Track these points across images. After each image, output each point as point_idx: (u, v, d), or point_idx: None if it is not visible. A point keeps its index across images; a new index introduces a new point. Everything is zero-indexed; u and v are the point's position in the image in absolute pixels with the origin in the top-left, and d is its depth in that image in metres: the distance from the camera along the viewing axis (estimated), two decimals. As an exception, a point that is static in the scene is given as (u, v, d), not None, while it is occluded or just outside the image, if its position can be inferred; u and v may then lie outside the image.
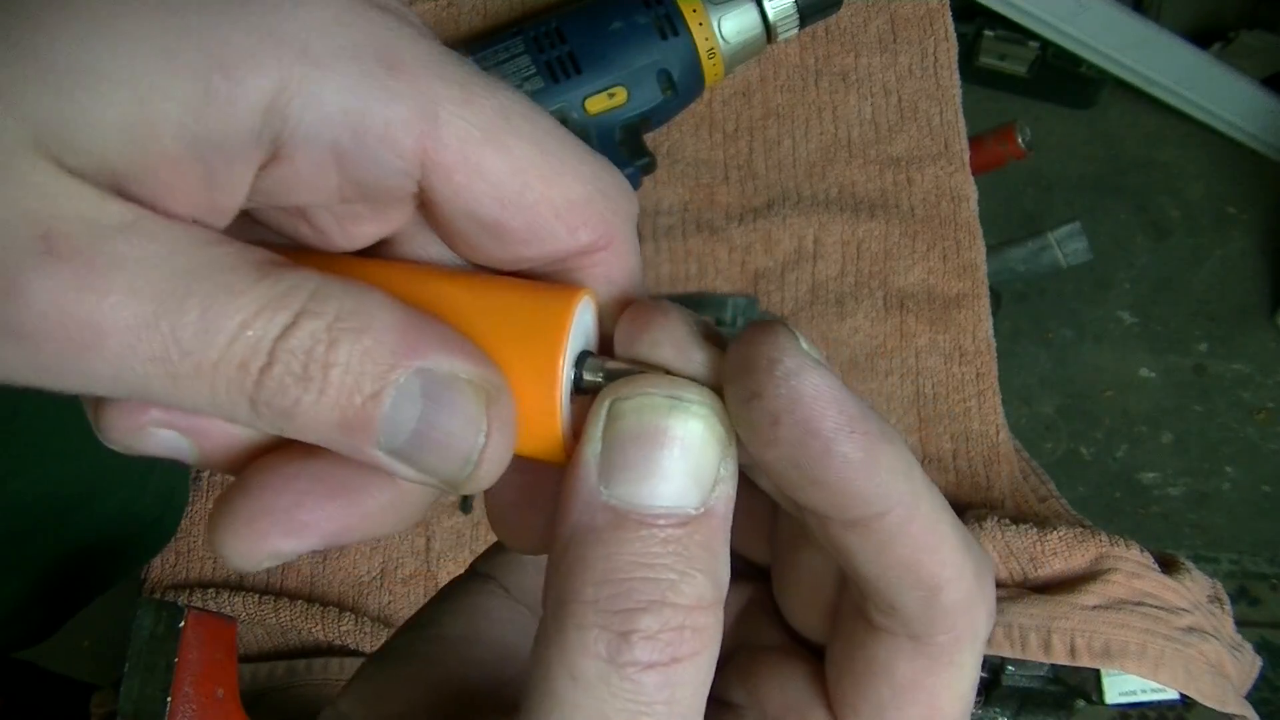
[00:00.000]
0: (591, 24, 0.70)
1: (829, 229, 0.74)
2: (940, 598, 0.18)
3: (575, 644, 0.16)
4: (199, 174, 0.17)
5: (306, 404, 0.17)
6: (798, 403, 0.17)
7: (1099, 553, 0.59)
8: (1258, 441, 1.70)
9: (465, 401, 0.18)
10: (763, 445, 0.17)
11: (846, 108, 0.78)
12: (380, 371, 0.17)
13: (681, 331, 0.19)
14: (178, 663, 0.55)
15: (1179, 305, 1.78)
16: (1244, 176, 1.84)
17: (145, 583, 0.68)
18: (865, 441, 0.17)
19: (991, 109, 1.82)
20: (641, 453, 0.17)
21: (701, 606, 0.17)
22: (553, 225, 0.19)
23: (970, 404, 0.71)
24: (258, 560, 0.19)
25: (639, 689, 0.16)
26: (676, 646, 0.16)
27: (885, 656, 0.19)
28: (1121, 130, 1.88)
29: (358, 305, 0.17)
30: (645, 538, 0.17)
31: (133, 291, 0.16)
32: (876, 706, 0.19)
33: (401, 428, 0.17)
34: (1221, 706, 0.57)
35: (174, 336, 0.16)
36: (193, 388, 0.16)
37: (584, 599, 0.17)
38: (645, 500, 0.17)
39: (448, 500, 0.70)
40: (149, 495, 0.66)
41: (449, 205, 0.18)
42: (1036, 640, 0.56)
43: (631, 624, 0.16)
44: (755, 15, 0.70)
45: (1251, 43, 1.75)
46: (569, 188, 0.19)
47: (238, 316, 0.16)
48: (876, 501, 0.17)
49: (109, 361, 0.16)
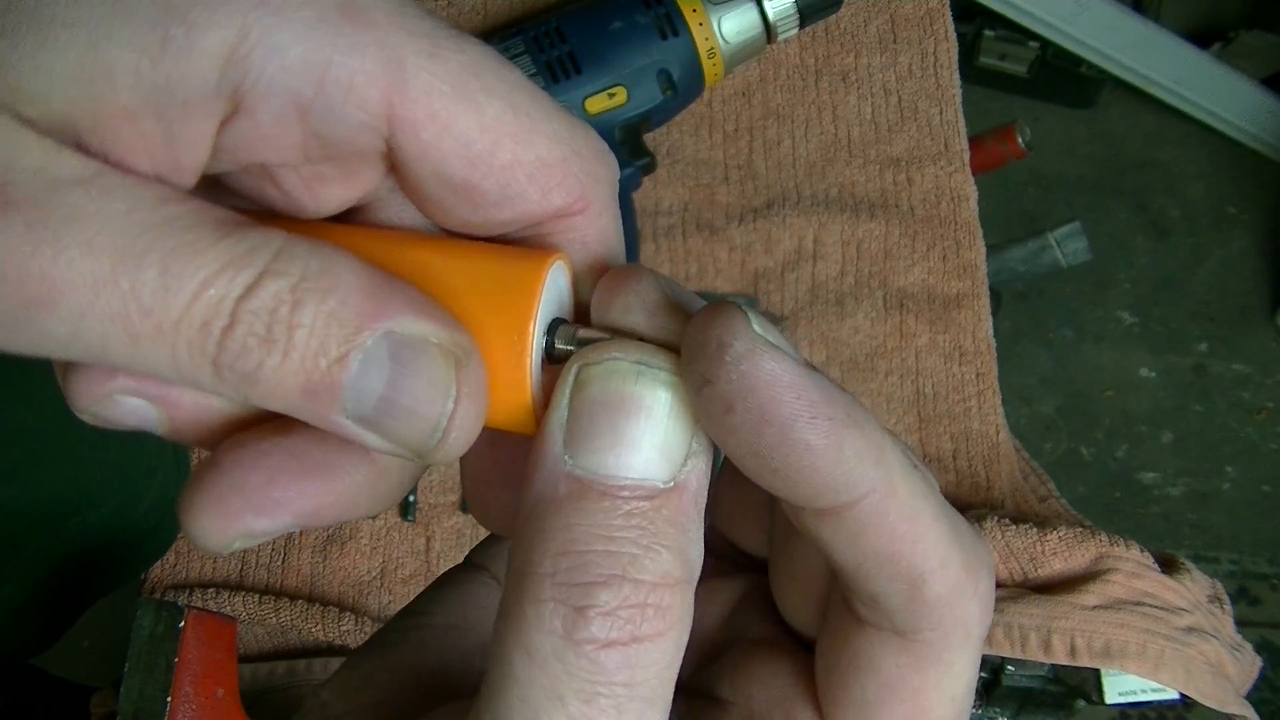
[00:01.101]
0: (591, 24, 0.70)
1: (829, 229, 0.74)
2: (923, 590, 0.17)
3: (531, 619, 0.16)
4: (158, 128, 0.16)
5: (270, 368, 0.16)
6: (750, 389, 0.16)
7: (1099, 553, 0.59)
8: (1258, 441, 1.70)
9: (433, 365, 0.17)
10: (720, 434, 0.16)
11: (846, 108, 0.78)
12: (346, 334, 0.16)
13: (654, 297, 0.18)
14: (178, 663, 0.55)
15: (1179, 305, 1.78)
16: (1244, 176, 1.84)
17: (145, 583, 0.68)
18: (828, 427, 0.16)
19: (991, 109, 1.82)
20: (607, 421, 0.17)
21: (666, 584, 0.16)
22: (524, 187, 0.18)
23: (970, 404, 0.71)
24: (229, 540, 0.18)
25: (596, 668, 0.15)
26: (637, 625, 0.16)
27: (870, 652, 0.18)
28: (1121, 130, 1.88)
29: (324, 265, 0.16)
30: (608, 509, 0.16)
31: (89, 246, 0.15)
32: (861, 704, 0.18)
33: (368, 393, 0.16)
34: (1221, 706, 0.57)
35: (133, 294, 0.15)
36: (153, 350, 0.16)
37: (541, 571, 0.16)
38: (610, 470, 0.16)
39: (447, 500, 0.70)
40: (147, 502, 0.66)
41: (417, 165, 0.18)
42: (1036, 640, 0.56)
43: (588, 598, 0.15)
44: (755, 15, 0.70)
45: (1251, 43, 1.75)
46: (542, 148, 0.18)
47: (199, 275, 0.15)
48: (844, 489, 0.16)
49: (64, 320, 0.15)
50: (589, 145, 0.19)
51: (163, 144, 0.16)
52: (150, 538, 0.67)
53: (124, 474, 0.63)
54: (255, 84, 0.16)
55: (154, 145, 0.16)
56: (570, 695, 0.15)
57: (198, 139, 0.17)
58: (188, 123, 0.16)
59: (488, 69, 0.18)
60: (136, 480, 0.64)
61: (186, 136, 0.17)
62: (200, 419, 0.19)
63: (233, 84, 0.16)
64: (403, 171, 0.18)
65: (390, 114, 0.17)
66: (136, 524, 0.65)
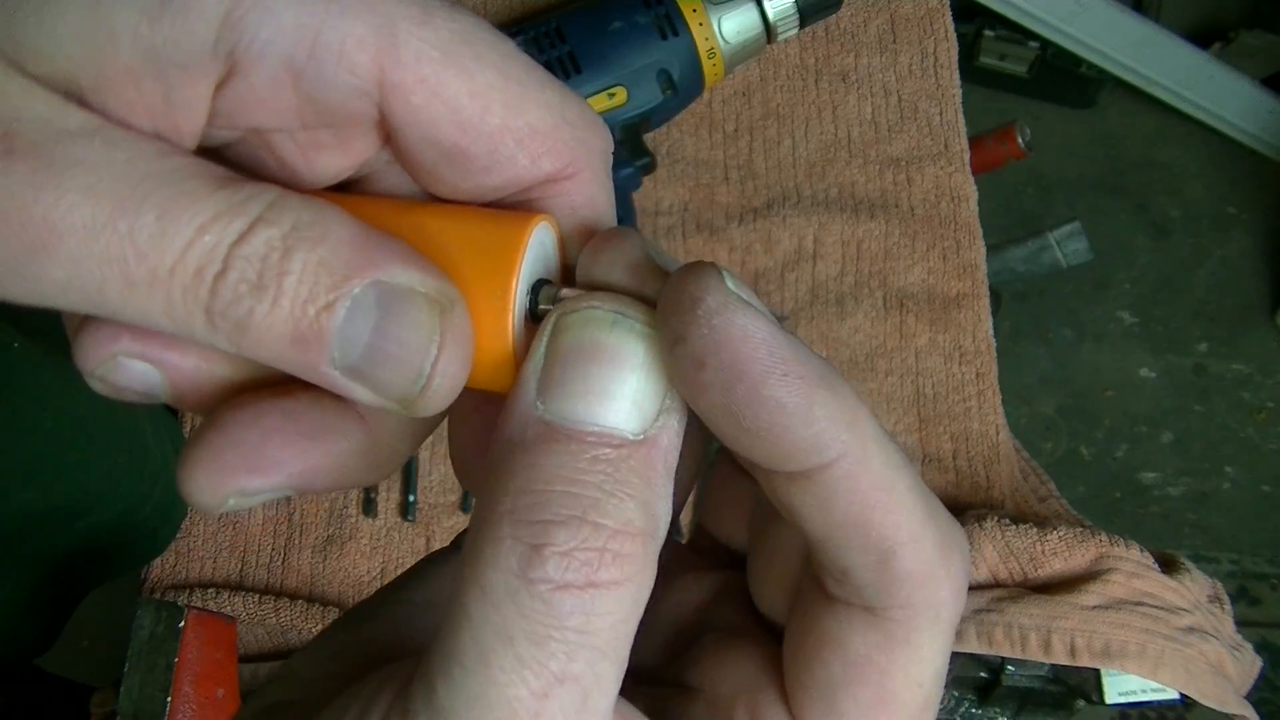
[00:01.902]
0: (591, 24, 0.70)
1: (829, 229, 0.74)
2: (893, 563, 0.17)
3: (488, 556, 0.15)
4: (157, 88, 0.17)
5: (260, 314, 0.16)
6: (722, 345, 0.16)
7: (1099, 553, 0.59)
8: (1258, 441, 1.70)
9: (419, 313, 0.17)
10: (692, 392, 0.16)
11: (846, 108, 0.78)
12: (335, 282, 0.16)
13: (636, 255, 0.18)
14: (178, 663, 0.55)
15: (1179, 305, 1.78)
16: (1244, 176, 1.84)
17: (145, 583, 0.68)
18: (799, 386, 0.16)
19: (991, 109, 1.82)
20: (580, 368, 0.17)
21: (628, 533, 0.16)
22: (514, 152, 0.19)
23: (970, 404, 0.71)
24: (223, 497, 0.18)
25: (549, 610, 0.15)
26: (594, 569, 0.15)
27: (838, 630, 0.18)
28: (1121, 130, 1.88)
29: (315, 217, 0.17)
30: (573, 452, 0.16)
31: (90, 192, 0.15)
32: (826, 684, 0.18)
33: (355, 341, 0.17)
34: (1221, 706, 0.57)
35: (130, 238, 0.16)
36: (149, 295, 0.16)
37: (501, 509, 0.16)
38: (579, 417, 0.16)
39: (447, 500, 0.70)
40: (149, 507, 0.66)
41: (408, 130, 0.18)
42: (1036, 640, 0.56)
43: (545, 537, 0.15)
44: (755, 15, 0.70)
45: (1251, 43, 1.75)
46: (532, 115, 0.18)
47: (195, 221, 0.16)
48: (815, 451, 0.16)
49: (63, 264, 0.16)
50: (580, 115, 0.19)
51: (162, 104, 0.17)
52: (149, 539, 0.67)
53: (129, 478, 0.63)
54: (249, 47, 0.17)
55: (153, 105, 0.17)
56: (521, 636, 0.15)
57: (195, 100, 0.17)
58: (185, 84, 0.17)
59: (479, 38, 0.18)
60: (140, 485, 0.64)
61: (184, 97, 0.17)
62: (200, 384, 0.19)
63: (228, 46, 0.17)
64: (395, 138, 0.19)
65: (381, 79, 0.17)
66: (137, 528, 0.65)
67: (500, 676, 0.15)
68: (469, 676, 0.15)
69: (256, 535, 0.69)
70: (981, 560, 0.60)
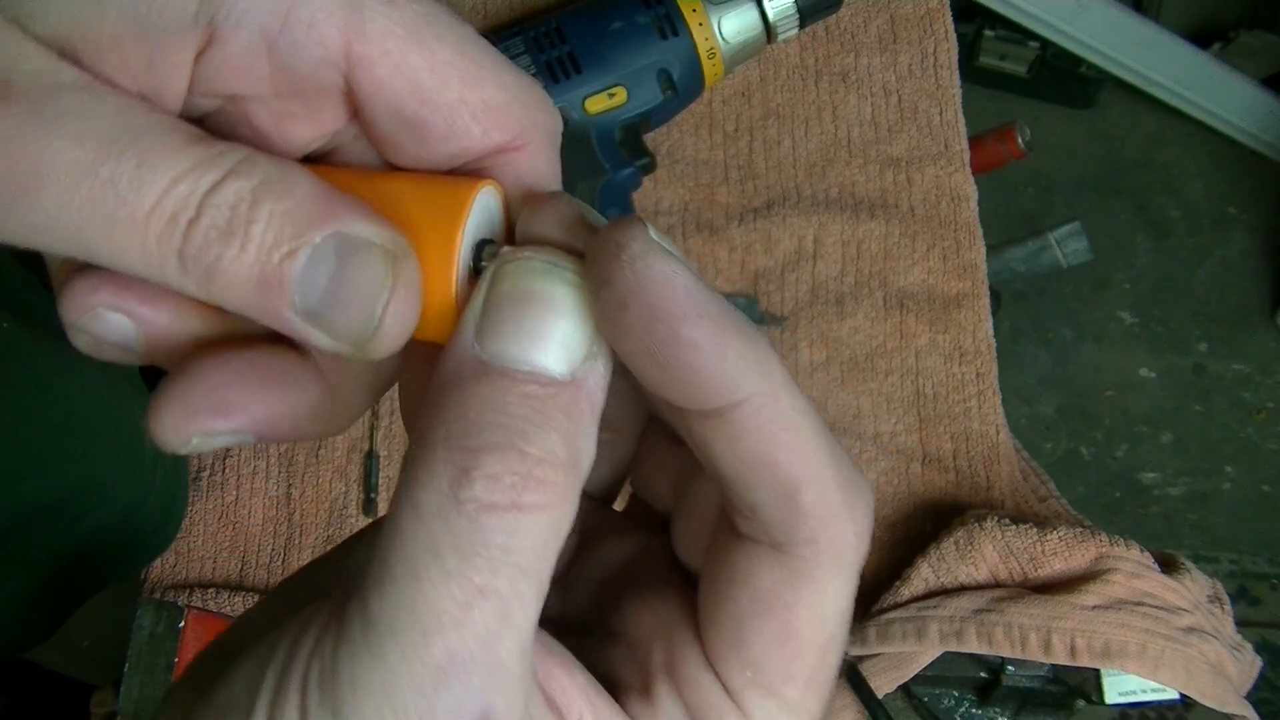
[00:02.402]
0: (591, 24, 0.70)
1: (829, 229, 0.74)
2: (799, 499, 0.18)
3: (422, 478, 0.17)
4: (143, 53, 0.18)
5: (228, 259, 0.18)
6: (644, 287, 0.17)
7: (1099, 553, 0.59)
8: (1258, 441, 1.70)
9: (374, 261, 0.19)
10: (616, 333, 0.18)
11: (846, 108, 0.78)
12: (298, 231, 0.18)
13: (571, 213, 0.20)
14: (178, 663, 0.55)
15: (1179, 305, 1.78)
16: (1244, 176, 1.84)
17: (145, 583, 0.68)
18: (713, 327, 0.17)
19: (991, 109, 1.82)
20: (514, 312, 0.18)
21: (552, 463, 0.17)
22: (469, 124, 0.20)
23: (970, 404, 0.71)
24: (186, 437, 0.19)
25: (475, 528, 0.16)
26: (519, 493, 0.16)
27: (747, 565, 0.19)
28: (1121, 130, 1.88)
29: (282, 174, 0.18)
30: (505, 387, 0.17)
31: (77, 139, 0.17)
32: (734, 618, 0.19)
33: (314, 286, 0.18)
34: (1221, 706, 0.57)
35: (112, 182, 0.17)
36: (126, 238, 0.17)
37: (434, 437, 0.17)
38: (512, 356, 0.18)
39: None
40: (151, 502, 0.66)
41: (373, 100, 0.20)
42: (1036, 640, 0.56)
43: (475, 460, 0.16)
44: (755, 15, 0.70)
45: (1251, 43, 1.75)
46: (488, 92, 0.20)
47: (172, 170, 0.17)
48: (726, 390, 0.17)
49: (48, 206, 0.17)
50: (533, 96, 0.21)
51: (146, 69, 0.18)
52: (153, 537, 0.67)
53: (130, 474, 0.63)
54: (228, 17, 0.18)
55: (138, 69, 0.18)
56: (448, 551, 0.16)
57: (178, 66, 0.19)
58: (168, 50, 0.18)
59: (441, 19, 0.20)
60: (141, 480, 0.64)
61: (168, 63, 0.19)
62: (173, 339, 0.20)
63: (208, 16, 0.18)
64: (361, 109, 0.20)
65: (348, 51, 0.19)
66: (141, 524, 0.65)
67: (428, 588, 0.16)
68: (399, 589, 0.16)
69: (256, 535, 0.69)
70: (981, 560, 0.60)
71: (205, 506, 0.69)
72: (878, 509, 0.68)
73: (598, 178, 0.69)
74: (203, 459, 0.70)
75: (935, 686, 0.63)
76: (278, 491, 0.69)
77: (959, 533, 0.61)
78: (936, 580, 0.61)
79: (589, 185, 0.68)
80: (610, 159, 0.69)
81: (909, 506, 0.68)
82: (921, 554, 0.62)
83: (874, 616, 0.61)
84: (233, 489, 0.70)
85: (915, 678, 0.60)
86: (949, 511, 0.66)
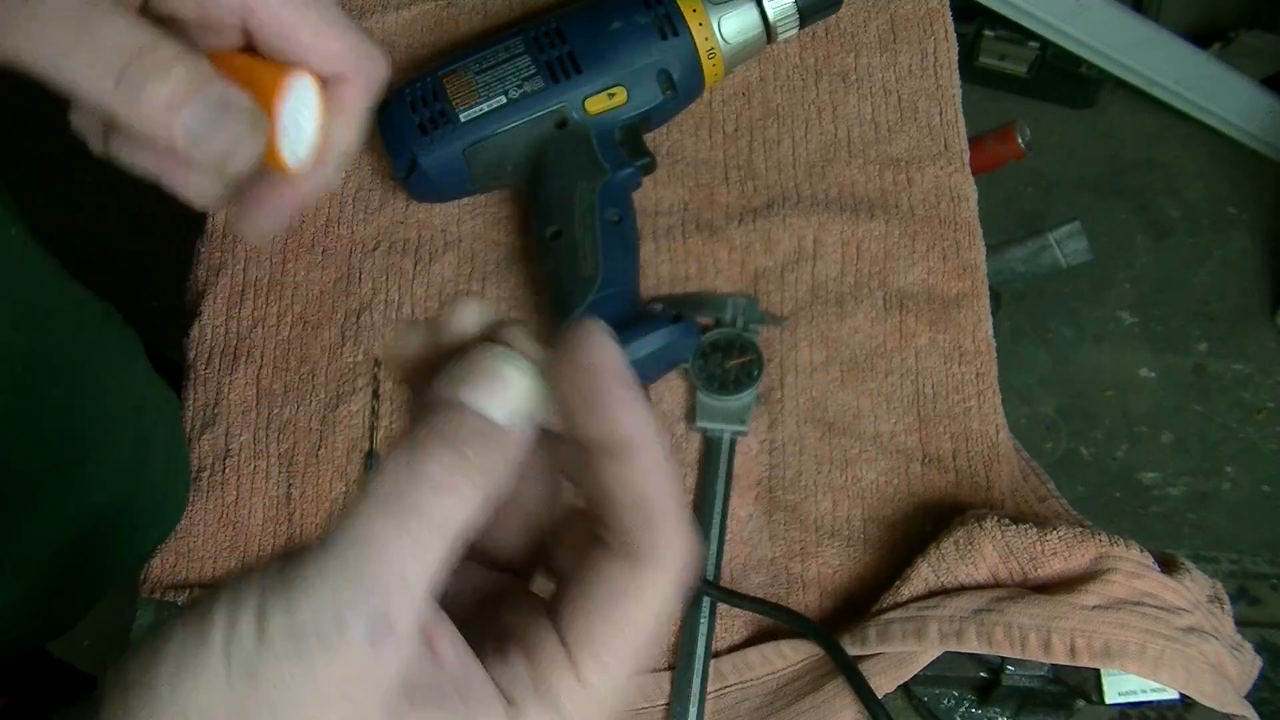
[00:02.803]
0: (591, 24, 0.70)
1: (829, 229, 0.74)
2: (657, 524, 0.25)
3: (394, 454, 0.24)
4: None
5: (151, 87, 0.29)
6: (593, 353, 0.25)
7: (1099, 553, 0.59)
8: (1258, 441, 1.70)
9: (240, 108, 0.31)
10: (569, 384, 0.26)
11: (846, 108, 0.78)
12: (200, 82, 0.30)
13: (528, 339, 0.28)
14: (178, 662, 0.55)
15: (1179, 305, 1.78)
16: (1244, 176, 1.84)
17: (145, 583, 0.68)
18: (628, 387, 0.25)
19: (991, 109, 1.82)
20: (484, 378, 0.26)
21: (479, 469, 0.24)
22: (312, 58, 0.34)
23: (970, 404, 0.71)
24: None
25: (416, 490, 0.23)
26: (453, 479, 0.24)
27: (609, 568, 0.25)
28: (1121, 130, 1.88)
29: (196, 54, 0.30)
30: (463, 418, 0.25)
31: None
32: (592, 604, 0.25)
33: (202, 112, 0.30)
34: (1221, 706, 0.57)
35: (86, 22, 0.28)
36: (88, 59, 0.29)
37: (412, 434, 0.25)
38: (473, 401, 0.25)
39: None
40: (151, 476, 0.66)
41: (256, 35, 0.34)
42: (1036, 640, 0.56)
43: (428, 450, 0.24)
44: (755, 15, 0.70)
45: (1251, 43, 1.75)
46: (329, 39, 0.34)
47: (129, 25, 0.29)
48: (628, 428, 0.25)
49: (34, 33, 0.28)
50: (361, 48, 0.35)
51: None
52: (155, 511, 0.68)
53: (126, 441, 0.64)
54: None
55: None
56: (394, 501, 0.23)
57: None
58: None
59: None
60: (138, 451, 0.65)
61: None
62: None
63: None
64: (249, 38, 0.34)
65: (244, 4, 0.33)
66: (142, 500, 0.66)
67: (373, 523, 0.23)
68: (353, 521, 0.23)
69: (256, 535, 0.69)
70: (981, 560, 0.60)
71: (205, 506, 0.69)
72: (878, 509, 0.68)
73: (598, 178, 0.69)
74: (203, 459, 0.70)
75: (935, 686, 0.63)
76: (278, 491, 0.69)
77: (959, 533, 0.61)
78: (936, 580, 0.61)
79: (589, 185, 0.68)
80: (610, 159, 0.69)
81: (909, 506, 0.68)
82: (921, 554, 0.62)
83: (874, 616, 0.61)
84: (233, 489, 0.70)
85: (915, 678, 0.60)
86: (949, 511, 0.66)
